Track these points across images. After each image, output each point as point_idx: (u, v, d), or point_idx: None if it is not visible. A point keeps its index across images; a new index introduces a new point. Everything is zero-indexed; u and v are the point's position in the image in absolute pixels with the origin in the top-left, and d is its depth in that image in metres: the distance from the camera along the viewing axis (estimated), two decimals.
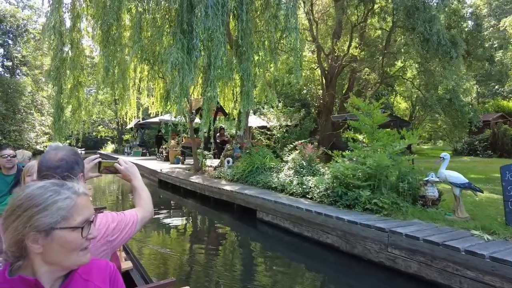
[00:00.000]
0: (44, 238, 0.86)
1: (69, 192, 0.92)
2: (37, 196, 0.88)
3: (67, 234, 0.88)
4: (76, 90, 8.21)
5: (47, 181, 0.94)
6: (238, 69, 7.49)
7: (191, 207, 8.86)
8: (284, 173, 7.80)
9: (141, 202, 1.50)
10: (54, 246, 0.87)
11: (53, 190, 0.90)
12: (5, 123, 30.27)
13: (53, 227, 0.86)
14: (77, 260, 0.91)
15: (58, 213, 0.87)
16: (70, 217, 0.89)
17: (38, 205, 0.86)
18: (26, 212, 0.85)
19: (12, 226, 0.86)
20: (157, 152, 21.81)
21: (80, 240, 0.90)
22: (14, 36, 33.32)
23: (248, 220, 6.79)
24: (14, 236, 0.85)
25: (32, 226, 0.84)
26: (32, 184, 0.93)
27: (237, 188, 7.65)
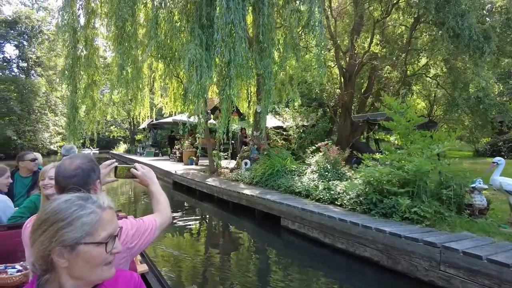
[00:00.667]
0: (69, 253, 0.86)
1: (94, 207, 0.91)
2: (62, 210, 0.88)
3: (91, 249, 0.87)
4: (90, 90, 7.92)
5: (73, 194, 0.94)
6: (259, 67, 7.06)
7: (208, 211, 8.47)
8: (308, 177, 7.33)
9: (159, 208, 1.48)
10: (79, 261, 0.87)
11: (78, 204, 0.90)
12: (20, 123, 30.59)
13: (78, 242, 0.86)
14: (101, 275, 0.91)
15: (82, 229, 0.87)
16: (94, 233, 0.88)
17: (64, 220, 0.86)
18: (52, 226, 0.86)
19: (39, 240, 0.86)
20: (170, 153, 21.61)
21: (104, 255, 0.90)
22: (28, 38, 33.66)
23: (270, 227, 6.35)
24: (41, 250, 0.86)
25: (58, 240, 0.85)
26: (59, 197, 0.93)
27: (257, 192, 7.22)
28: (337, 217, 4.93)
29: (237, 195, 7.45)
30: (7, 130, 28.09)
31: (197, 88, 5.91)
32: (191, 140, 18.97)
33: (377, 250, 4.27)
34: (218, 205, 8.39)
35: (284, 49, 7.73)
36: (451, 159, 6.03)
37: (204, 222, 7.64)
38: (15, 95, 30.96)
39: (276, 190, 7.47)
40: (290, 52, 7.78)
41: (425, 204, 4.82)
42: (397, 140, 6.39)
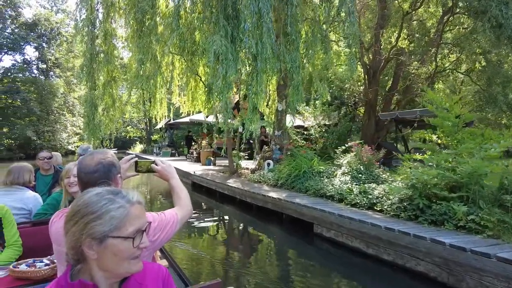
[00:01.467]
0: (98, 245, 0.87)
1: (123, 201, 0.92)
2: (93, 203, 0.90)
3: (119, 243, 0.89)
4: (109, 87, 7.60)
5: (103, 188, 0.96)
6: (286, 60, 6.56)
7: (230, 214, 8.03)
8: (339, 179, 6.79)
9: (180, 202, 1.49)
10: (107, 253, 0.88)
11: (107, 198, 0.91)
12: (39, 124, 31.03)
13: (106, 235, 0.87)
14: (128, 268, 0.92)
15: (111, 222, 0.88)
16: (122, 227, 0.89)
17: (93, 213, 0.88)
18: (82, 218, 0.88)
19: (71, 231, 0.89)
20: (187, 153, 21.37)
21: (132, 249, 0.90)
22: (48, 39, 34.16)
23: (301, 234, 5.84)
24: (72, 241, 0.89)
25: (87, 233, 0.87)
26: (90, 190, 0.95)
27: (284, 195, 6.73)
28: (382, 225, 4.38)
29: (262, 198, 6.97)
30: (27, 131, 28.51)
31: (222, 84, 5.46)
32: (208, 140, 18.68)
33: (434, 264, 3.71)
34: (240, 208, 7.94)
35: (312, 42, 7.20)
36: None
37: (226, 226, 7.19)
38: (35, 96, 31.45)
39: (304, 193, 6.96)
40: (319, 45, 7.24)
41: (485, 211, 4.23)
42: (442, 139, 5.79)
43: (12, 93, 28.82)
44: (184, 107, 14.56)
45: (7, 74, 31.88)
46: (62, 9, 38.95)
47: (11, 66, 32.29)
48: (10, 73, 32.03)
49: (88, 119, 7.16)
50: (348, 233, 4.84)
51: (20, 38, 30.85)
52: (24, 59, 33.15)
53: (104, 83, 7.56)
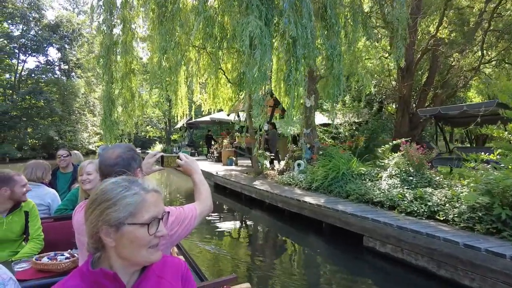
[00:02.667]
0: (115, 232, 0.87)
1: (138, 188, 0.92)
2: (109, 191, 0.90)
3: (135, 229, 0.88)
4: (128, 79, 7.00)
5: (120, 177, 0.97)
6: (326, 46, 5.76)
7: (258, 219, 7.29)
8: (386, 183, 5.93)
9: (201, 197, 1.49)
10: (124, 241, 0.88)
11: (123, 186, 0.91)
12: (61, 124, 31.40)
13: (122, 222, 0.87)
14: (147, 257, 0.91)
15: (126, 209, 0.88)
16: (138, 213, 0.89)
17: (109, 200, 0.89)
18: (99, 206, 0.89)
19: (89, 219, 0.90)
20: (207, 153, 20.86)
21: (148, 237, 0.89)
22: (69, 40, 34.55)
23: (347, 247, 5.04)
24: (91, 229, 0.90)
25: (104, 220, 0.87)
26: (108, 179, 0.96)
27: (322, 201, 5.93)
28: (460, 241, 3.53)
29: (297, 203, 6.19)
30: (50, 131, 28.84)
31: (258, 72, 4.72)
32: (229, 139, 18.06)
33: None
34: (270, 213, 7.19)
35: (353, 27, 6.36)
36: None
37: (255, 233, 6.46)
38: (57, 96, 31.87)
39: (345, 198, 6.14)
40: (361, 30, 6.40)
41: None
42: None
43: (35, 94, 29.25)
44: (205, 105, 13.98)
45: (31, 75, 32.48)
46: (83, 11, 39.49)
47: (34, 67, 32.91)
48: (34, 74, 32.61)
49: (105, 115, 6.57)
50: (412, 249, 4.00)
51: (43, 40, 31.29)
52: (47, 60, 33.65)
53: (122, 76, 6.96)
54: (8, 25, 30.79)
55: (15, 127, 28.33)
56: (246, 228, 6.87)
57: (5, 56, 29.84)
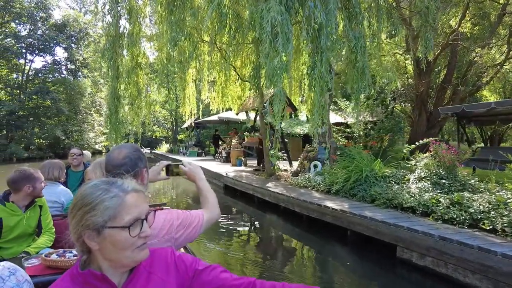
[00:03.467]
0: (97, 236, 0.86)
1: (117, 190, 0.90)
2: (88, 195, 0.89)
3: (116, 233, 0.86)
4: (134, 74, 6.55)
5: (100, 179, 0.95)
6: (350, 37, 5.26)
7: (273, 224, 6.80)
8: (416, 186, 5.41)
9: (208, 205, 1.47)
10: (107, 244, 0.87)
11: (102, 189, 0.90)
12: (68, 124, 31.27)
13: (103, 226, 0.86)
14: (133, 257, 0.89)
15: (105, 213, 0.86)
16: (117, 216, 0.87)
17: (88, 204, 0.87)
18: (79, 211, 0.87)
19: (71, 224, 0.89)
20: (214, 153, 20.46)
21: (131, 239, 0.87)
22: (76, 40, 34.43)
23: (377, 258, 4.54)
24: (74, 233, 0.89)
25: (84, 225, 0.86)
26: (87, 183, 0.94)
27: (346, 206, 5.43)
28: None
29: (318, 208, 5.70)
30: (57, 130, 28.69)
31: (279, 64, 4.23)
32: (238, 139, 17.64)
33: None
34: (285, 218, 6.70)
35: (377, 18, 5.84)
36: None
37: (270, 239, 5.98)
38: (64, 96, 31.74)
39: (370, 202, 5.63)
40: (385, 21, 5.88)
41: None
42: None
43: (42, 94, 29.12)
44: (213, 103, 13.55)
45: (38, 75, 32.40)
46: (90, 10, 39.35)
47: (41, 67, 32.82)
48: (41, 74, 32.53)
49: (111, 113, 6.10)
50: (458, 263, 3.49)
51: (50, 39, 31.17)
52: (54, 60, 33.55)
53: (129, 71, 6.51)
54: (16, 25, 30.72)
55: (22, 127, 28.24)
56: (260, 233, 6.40)
57: (12, 56, 29.77)
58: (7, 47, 28.78)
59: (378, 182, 6.11)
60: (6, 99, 29.27)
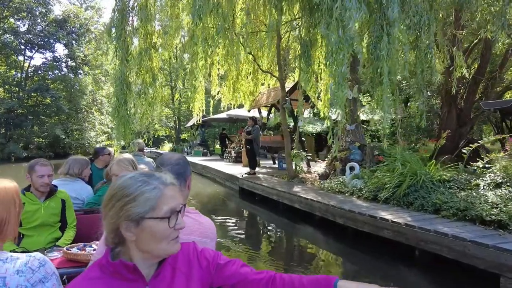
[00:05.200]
0: (136, 227, 0.88)
1: (157, 183, 0.92)
2: (127, 186, 0.90)
3: (155, 224, 0.88)
4: (147, 56, 5.46)
5: (137, 172, 0.99)
6: (409, 13, 4.23)
7: (310, 238, 5.75)
8: (494, 193, 4.41)
9: None
10: (145, 235, 0.88)
11: (142, 180, 0.91)
12: (68, 122, 30.28)
13: (142, 217, 0.88)
14: (166, 249, 0.92)
15: (146, 204, 0.88)
16: (157, 208, 0.89)
17: (129, 195, 0.88)
18: (118, 202, 0.89)
19: (109, 215, 0.90)
20: (221, 152, 19.51)
21: (168, 230, 0.90)
22: (77, 36, 33.42)
23: (462, 285, 3.54)
24: (111, 224, 0.90)
25: (124, 215, 0.88)
26: (125, 175, 0.96)
27: (409, 219, 4.42)
28: None
29: (371, 221, 4.68)
30: (56, 129, 27.71)
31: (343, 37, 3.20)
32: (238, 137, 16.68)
33: None
34: (325, 231, 5.65)
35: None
36: None
37: (309, 258, 4.95)
38: (64, 94, 30.74)
39: (432, 213, 4.62)
40: None
41: None
42: None
43: (42, 91, 28.11)
44: (224, 99, 12.54)
45: (38, 72, 31.37)
46: (91, 6, 38.29)
47: (41, 64, 31.77)
48: (41, 71, 31.50)
49: (118, 103, 4.99)
50: None
51: (50, 35, 30.15)
52: (54, 57, 32.48)
53: (141, 52, 5.43)
54: (15, 20, 29.71)
55: (21, 125, 27.25)
56: (296, 250, 5.37)
57: (11, 52, 28.77)
58: (6, 43, 27.79)
59: (437, 188, 5.10)
60: (5, 97, 28.27)
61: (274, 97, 12.63)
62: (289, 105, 8.85)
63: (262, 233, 6.45)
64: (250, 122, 10.20)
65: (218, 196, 10.09)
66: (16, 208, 1.08)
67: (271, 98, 12.83)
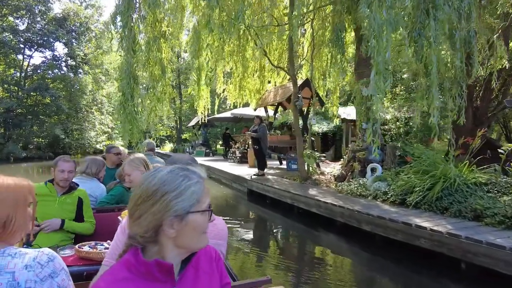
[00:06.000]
0: (179, 222, 0.86)
1: (196, 176, 0.92)
2: (170, 181, 0.88)
3: (198, 217, 0.89)
4: (156, 46, 4.95)
5: (173, 166, 0.95)
6: None
7: (332, 247, 5.29)
8: None
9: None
10: (187, 229, 0.88)
11: (183, 175, 0.90)
12: (68, 122, 29.82)
13: (188, 211, 0.87)
14: (201, 242, 0.92)
15: (192, 197, 0.88)
16: (200, 201, 0.90)
17: (174, 190, 0.87)
18: (163, 197, 0.86)
19: (150, 212, 0.86)
20: (224, 152, 19.06)
21: (207, 223, 0.92)
22: (77, 35, 32.95)
23: None
24: (153, 221, 0.86)
25: (171, 211, 0.85)
26: (160, 169, 0.93)
27: (449, 226, 3.95)
28: None
29: (405, 228, 4.21)
30: (56, 129, 27.23)
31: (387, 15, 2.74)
32: None
33: None
34: (349, 238, 5.16)
35: None
36: None
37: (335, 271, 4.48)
38: (64, 93, 30.28)
39: (472, 220, 4.16)
40: None
41: None
42: None
43: (41, 90, 27.63)
44: (230, 98, 12.08)
45: (37, 71, 30.90)
46: (91, 5, 37.78)
47: (41, 63, 31.32)
48: (40, 70, 31.03)
49: (125, 98, 4.49)
50: None
51: (49, 34, 29.67)
52: (54, 56, 32.00)
53: (149, 41, 4.92)
54: (14, 18, 29.23)
55: (20, 125, 26.77)
56: (320, 261, 4.90)
57: (10, 51, 28.27)
58: (5, 41, 27.27)
59: (474, 192, 4.64)
60: (4, 96, 27.78)
61: (282, 95, 12.16)
62: (301, 103, 8.38)
63: (279, 240, 5.99)
64: (257, 121, 9.76)
65: (226, 198, 9.62)
66: (28, 207, 1.09)
67: (278, 96, 12.36)
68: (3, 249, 1.01)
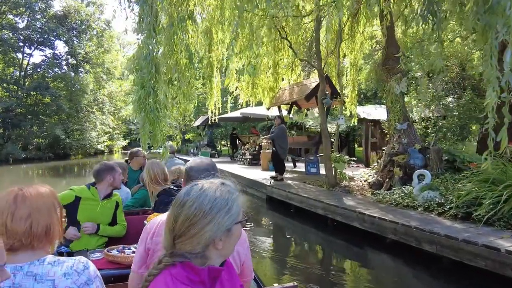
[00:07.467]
0: (227, 234, 0.91)
1: (236, 190, 0.98)
2: (220, 197, 0.92)
3: (238, 227, 0.95)
4: (180, 29, 4.03)
5: (210, 180, 0.98)
6: None
7: (387, 269, 4.50)
8: None
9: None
10: (231, 239, 0.93)
11: (228, 191, 0.94)
12: (68, 122, 29.06)
13: (234, 223, 0.93)
14: (234, 249, 0.98)
15: (237, 210, 0.93)
16: (240, 212, 0.95)
17: (225, 206, 0.91)
18: (218, 214, 0.90)
19: (207, 229, 0.89)
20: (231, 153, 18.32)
21: (241, 230, 0.98)
22: (78, 33, 32.18)
23: None
24: (209, 238, 0.89)
25: (224, 225, 0.90)
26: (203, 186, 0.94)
27: None
28: None
29: (492, 254, 3.41)
30: (56, 129, 26.45)
31: None
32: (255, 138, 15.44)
33: None
34: (404, 259, 4.37)
35: None
36: None
37: None
38: (64, 92, 29.52)
39: None
40: None
41: None
42: None
43: (41, 90, 26.87)
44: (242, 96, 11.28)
45: (37, 70, 30.15)
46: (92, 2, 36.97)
47: (41, 61, 30.55)
48: (40, 69, 30.27)
49: (146, 91, 3.59)
50: None
51: (50, 32, 28.88)
52: (54, 54, 31.22)
53: (173, 24, 3.98)
54: (13, 16, 28.44)
55: (19, 125, 26.00)
56: (374, 285, 4.11)
57: (9, 49, 27.48)
58: (4, 39, 26.52)
59: None
60: (3, 95, 27.00)
61: (298, 93, 11.34)
62: (329, 100, 7.58)
63: (322, 258, 5.19)
64: (278, 121, 9.03)
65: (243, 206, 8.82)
66: (57, 212, 1.12)
67: (295, 94, 11.55)
68: (43, 257, 1.05)
